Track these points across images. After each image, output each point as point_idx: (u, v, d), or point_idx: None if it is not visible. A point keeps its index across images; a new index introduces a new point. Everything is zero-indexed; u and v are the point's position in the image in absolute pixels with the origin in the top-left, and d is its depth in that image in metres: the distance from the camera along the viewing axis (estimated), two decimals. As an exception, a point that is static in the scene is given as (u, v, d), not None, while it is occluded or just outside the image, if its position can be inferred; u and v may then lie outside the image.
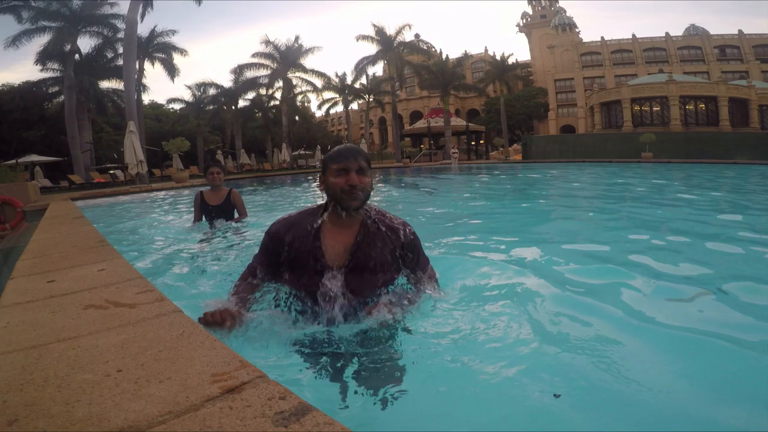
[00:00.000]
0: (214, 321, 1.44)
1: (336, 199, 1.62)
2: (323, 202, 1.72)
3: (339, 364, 1.47)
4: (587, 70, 48.30)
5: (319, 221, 1.66)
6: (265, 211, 7.03)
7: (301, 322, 1.63)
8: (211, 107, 33.69)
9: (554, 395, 1.33)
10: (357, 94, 36.11)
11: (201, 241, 3.77)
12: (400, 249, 1.72)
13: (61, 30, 21.71)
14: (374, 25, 29.56)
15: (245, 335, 1.50)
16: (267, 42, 30.10)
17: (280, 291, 1.71)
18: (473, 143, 39.47)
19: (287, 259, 1.67)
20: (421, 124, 36.24)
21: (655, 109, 32.61)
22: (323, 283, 1.60)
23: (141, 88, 25.86)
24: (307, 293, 1.63)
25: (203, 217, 4.25)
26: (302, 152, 34.52)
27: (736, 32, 44.39)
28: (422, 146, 34.97)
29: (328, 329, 1.60)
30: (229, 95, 32.66)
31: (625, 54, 47.82)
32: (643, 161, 18.68)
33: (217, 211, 4.17)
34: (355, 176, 1.58)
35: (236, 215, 4.28)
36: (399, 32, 29.68)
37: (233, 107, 33.38)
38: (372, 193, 1.68)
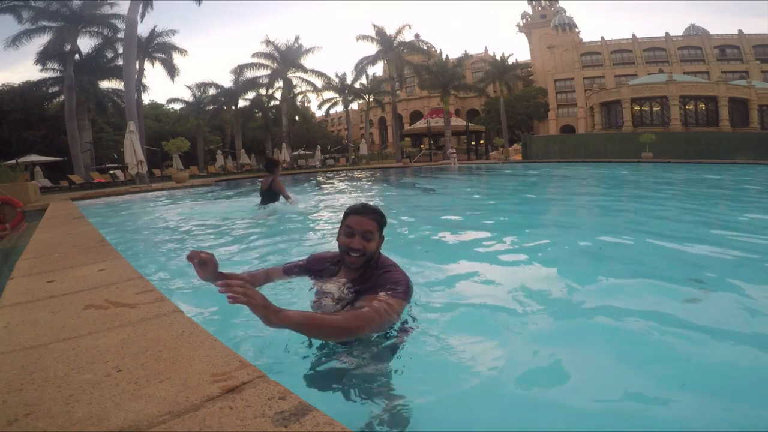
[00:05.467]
0: (192, 256, 1.50)
1: (340, 254, 1.73)
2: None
3: (339, 365, 1.46)
4: (587, 70, 48.24)
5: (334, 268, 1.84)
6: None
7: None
8: (211, 107, 33.62)
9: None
10: (357, 94, 36.05)
11: (255, 217, 5.45)
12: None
13: (61, 30, 21.65)
14: (374, 25, 29.66)
15: None
16: (267, 42, 30.06)
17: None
18: (473, 143, 39.39)
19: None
20: (421, 124, 36.18)
21: (655, 109, 32.57)
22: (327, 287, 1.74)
23: (141, 88, 25.78)
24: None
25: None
26: (302, 152, 34.46)
27: (736, 32, 44.31)
28: (422, 146, 34.91)
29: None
30: (229, 95, 32.61)
31: (625, 54, 47.75)
32: (643, 161, 18.67)
33: (264, 193, 5.88)
34: (359, 240, 1.63)
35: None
36: (399, 32, 29.69)
37: (233, 107, 33.31)
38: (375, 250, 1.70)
